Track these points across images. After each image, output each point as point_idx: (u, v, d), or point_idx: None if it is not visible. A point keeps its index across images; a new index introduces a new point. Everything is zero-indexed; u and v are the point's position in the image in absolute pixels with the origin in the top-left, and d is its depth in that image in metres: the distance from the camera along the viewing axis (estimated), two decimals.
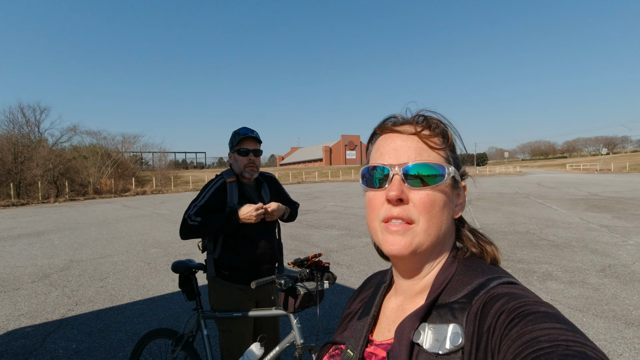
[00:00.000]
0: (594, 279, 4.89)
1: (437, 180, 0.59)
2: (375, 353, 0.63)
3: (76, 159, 30.35)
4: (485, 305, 0.51)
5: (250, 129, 2.20)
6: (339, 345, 0.72)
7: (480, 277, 0.57)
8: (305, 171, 56.66)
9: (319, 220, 11.20)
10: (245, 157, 2.14)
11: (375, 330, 0.68)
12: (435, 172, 0.59)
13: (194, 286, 2.15)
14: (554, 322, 0.44)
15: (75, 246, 8.26)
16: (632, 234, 7.56)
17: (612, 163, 56.95)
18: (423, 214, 0.58)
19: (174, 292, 4.95)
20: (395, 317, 0.65)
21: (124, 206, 18.63)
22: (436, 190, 0.59)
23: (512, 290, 0.52)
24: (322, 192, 24.74)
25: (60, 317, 4.23)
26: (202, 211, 2.06)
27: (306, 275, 1.76)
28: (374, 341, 0.65)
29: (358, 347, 0.64)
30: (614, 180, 27.77)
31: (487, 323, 0.49)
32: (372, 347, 0.64)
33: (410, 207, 0.59)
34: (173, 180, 36.02)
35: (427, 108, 0.65)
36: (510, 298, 0.50)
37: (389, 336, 0.63)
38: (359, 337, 0.66)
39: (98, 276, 5.84)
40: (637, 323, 3.58)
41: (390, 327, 0.65)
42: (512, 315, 0.47)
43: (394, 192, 0.58)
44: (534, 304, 0.48)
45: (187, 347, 2.12)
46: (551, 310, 0.47)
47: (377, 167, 0.62)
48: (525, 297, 0.50)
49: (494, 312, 0.49)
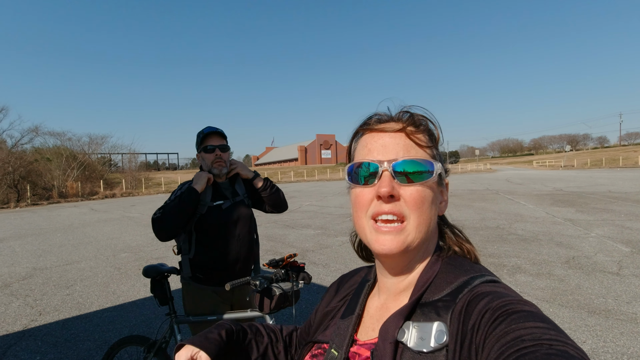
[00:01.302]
0: (560, 270, 5.11)
1: (425, 176, 0.59)
2: (359, 353, 0.62)
3: (38, 162, 28.82)
4: (470, 304, 0.52)
5: (212, 127, 2.16)
6: (321, 344, 0.71)
7: (464, 276, 0.58)
8: (280, 171, 56.42)
9: (295, 220, 11.16)
10: (212, 154, 2.10)
11: (359, 330, 0.67)
12: (423, 168, 0.59)
13: (167, 290, 2.08)
14: (537, 322, 0.45)
15: (39, 253, 7.85)
16: (594, 227, 7.97)
17: (575, 159, 59.94)
18: (414, 210, 0.58)
19: (146, 298, 4.79)
20: (379, 316, 0.65)
21: (91, 210, 17.90)
22: (425, 186, 0.59)
23: (496, 289, 0.53)
24: (297, 191, 24.69)
25: (22, 329, 4.00)
26: None
27: (281, 276, 1.74)
28: (358, 340, 0.65)
29: (343, 346, 0.63)
30: (577, 176, 29.22)
31: (471, 321, 0.50)
32: (355, 347, 0.64)
33: (401, 204, 0.58)
34: (144, 182, 34.89)
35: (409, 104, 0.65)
36: (494, 297, 0.51)
37: (373, 335, 0.63)
38: (344, 337, 0.65)
39: (64, 284, 5.57)
40: (598, 311, 3.77)
41: (374, 326, 0.64)
42: (496, 313, 0.48)
43: (386, 188, 0.57)
44: (518, 302, 0.49)
45: (160, 354, 2.05)
46: (534, 310, 0.48)
47: (363, 164, 0.61)
48: (508, 296, 0.51)
49: (478, 311, 0.50)
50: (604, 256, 5.70)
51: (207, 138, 2.11)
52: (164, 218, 1.96)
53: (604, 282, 4.58)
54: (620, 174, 29.60)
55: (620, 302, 3.96)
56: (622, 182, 19.98)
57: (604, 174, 29.68)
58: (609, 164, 49.65)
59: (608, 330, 3.36)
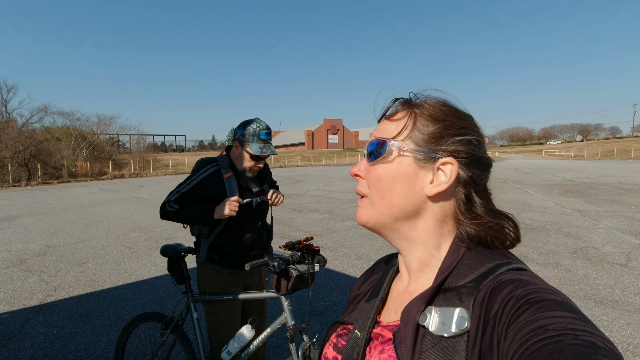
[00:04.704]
0: (567, 260, 5.12)
1: (380, 154, 0.62)
2: (382, 334, 0.63)
3: (48, 141, 29.09)
4: (493, 291, 0.51)
5: (270, 132, 2.07)
6: (346, 325, 0.73)
7: (489, 263, 0.57)
8: (287, 155, 56.34)
9: (302, 204, 11.22)
10: (253, 162, 2.05)
11: (383, 312, 0.69)
12: (377, 146, 0.62)
13: (184, 270, 2.13)
14: (563, 311, 0.43)
15: (51, 231, 8.02)
16: (603, 218, 7.91)
17: (586, 150, 59.03)
18: (370, 187, 0.63)
19: (157, 277, 4.90)
20: (401, 299, 0.66)
21: (101, 190, 18.14)
22: (382, 163, 0.62)
23: (521, 276, 0.52)
24: (304, 176, 24.73)
25: (38, 303, 4.13)
26: (182, 199, 2.02)
27: (298, 258, 1.77)
28: (381, 322, 0.66)
29: (366, 327, 0.65)
30: (587, 166, 28.85)
31: (494, 309, 0.49)
32: (379, 328, 0.65)
33: (363, 182, 0.65)
34: (152, 163, 35.13)
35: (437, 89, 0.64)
36: (518, 285, 0.50)
37: (396, 318, 0.64)
38: (367, 318, 0.66)
39: (77, 261, 5.70)
40: (605, 301, 3.79)
41: (397, 308, 0.65)
42: (520, 302, 0.47)
43: (353, 169, 0.66)
44: (543, 291, 0.47)
45: (177, 330, 2.12)
46: (560, 298, 0.46)
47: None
48: (534, 284, 0.49)
49: (501, 299, 0.49)
50: (612, 247, 5.69)
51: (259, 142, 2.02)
52: (176, 217, 2.02)
53: (611, 273, 4.58)
54: (631, 165, 29.15)
55: (627, 293, 3.97)
56: (633, 174, 19.71)
57: (615, 165, 29.26)
58: (620, 154, 48.81)
59: (615, 320, 3.38)
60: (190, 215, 2.00)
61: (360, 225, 0.66)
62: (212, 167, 2.05)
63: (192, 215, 2.00)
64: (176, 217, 2.01)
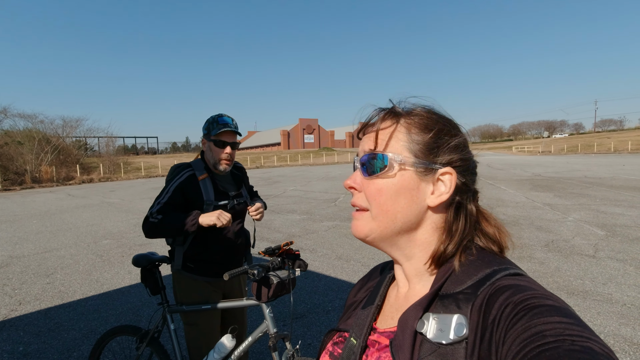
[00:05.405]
0: (540, 253, 5.29)
1: (382, 168, 0.60)
2: (379, 341, 0.63)
3: (9, 145, 27.59)
4: (491, 297, 0.51)
5: (230, 118, 2.03)
6: (342, 332, 0.73)
7: (486, 268, 0.56)
8: (263, 155, 55.86)
9: (280, 205, 11.13)
10: (222, 150, 1.98)
11: (379, 319, 0.69)
12: (378, 160, 0.61)
13: (158, 280, 2.04)
14: (560, 316, 0.44)
15: (15, 240, 7.59)
16: (571, 211, 8.26)
17: (553, 145, 61.64)
18: (371, 201, 0.62)
19: (132, 285, 4.72)
20: (398, 305, 0.66)
21: (68, 195, 17.37)
22: (383, 178, 0.60)
23: (518, 282, 0.52)
24: (281, 176, 24.58)
25: (2, 319, 3.88)
26: (165, 208, 1.91)
27: (278, 264, 1.72)
28: (378, 329, 0.66)
29: (362, 335, 0.65)
30: (555, 161, 30.11)
31: (492, 315, 0.49)
32: (375, 335, 0.65)
33: (361, 195, 0.63)
34: (123, 166, 34.00)
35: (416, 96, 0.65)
36: (516, 290, 0.50)
37: (392, 324, 0.63)
38: (363, 326, 0.66)
39: (44, 272, 5.41)
40: (577, 292, 3.93)
41: (393, 315, 0.65)
42: (517, 308, 0.47)
43: (347, 181, 0.65)
44: (541, 297, 0.48)
45: (153, 343, 2.02)
46: (558, 304, 0.46)
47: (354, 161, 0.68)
48: (531, 290, 0.49)
49: (499, 305, 0.49)
50: (581, 239, 5.93)
51: (221, 133, 1.97)
52: (162, 229, 1.87)
53: (581, 264, 4.77)
54: (595, 159, 30.66)
55: (596, 283, 4.14)
56: (596, 168, 20.73)
57: (580, 160, 30.69)
58: (584, 149, 51.34)
59: (586, 310, 3.51)
60: (175, 222, 1.86)
61: (358, 238, 0.64)
62: (187, 172, 1.98)
63: (177, 223, 1.86)
64: (161, 228, 1.87)
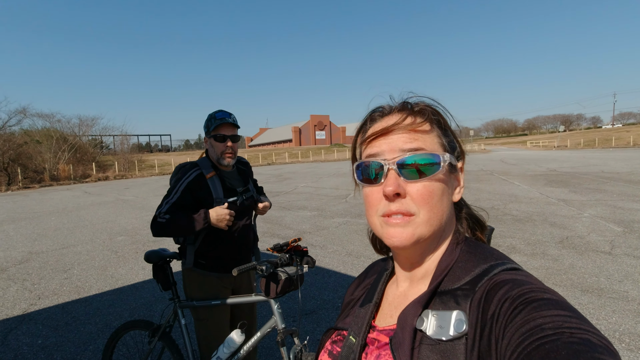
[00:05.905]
0: (554, 250, 5.20)
1: (433, 169, 0.58)
2: (378, 339, 0.63)
3: (28, 144, 28.28)
4: (489, 292, 0.51)
5: (227, 113, 2.06)
6: (341, 331, 0.73)
7: (484, 264, 0.57)
8: (275, 152, 56.06)
9: (291, 201, 11.17)
10: (222, 144, 2.01)
11: (378, 316, 0.69)
12: (429, 161, 0.58)
13: (169, 276, 2.07)
14: (558, 309, 0.44)
15: (34, 237, 7.81)
16: (587, 207, 8.08)
17: (569, 140, 60.25)
18: (422, 205, 0.57)
19: (145, 281, 4.81)
20: (397, 303, 0.66)
21: (85, 193, 17.75)
22: (433, 180, 0.58)
23: (516, 276, 0.52)
24: (292, 173, 24.64)
25: (22, 313, 4.01)
26: (173, 209, 1.93)
27: (286, 260, 1.74)
28: (377, 327, 0.66)
29: (360, 333, 0.65)
30: (570, 156, 29.44)
31: (490, 310, 0.49)
32: (374, 333, 0.65)
33: (408, 201, 0.58)
34: (137, 164, 34.55)
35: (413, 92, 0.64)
36: (514, 285, 0.50)
37: (391, 322, 0.64)
38: (362, 324, 0.66)
39: (61, 267, 5.56)
40: (591, 290, 3.86)
41: (392, 313, 0.65)
42: (516, 302, 0.47)
43: (391, 188, 0.57)
44: (538, 290, 0.48)
45: (165, 338, 2.07)
46: (555, 297, 0.47)
47: (371, 163, 0.61)
48: (529, 284, 0.50)
49: (497, 299, 0.49)
50: (596, 236, 5.81)
51: (220, 126, 2.00)
52: (169, 228, 1.90)
53: (596, 261, 4.67)
54: (612, 154, 29.87)
55: (612, 280, 4.05)
56: (614, 162, 20.20)
57: (597, 154, 29.94)
58: (601, 144, 50.03)
59: (600, 308, 3.45)
60: (184, 222, 1.89)
61: (403, 246, 0.58)
62: (195, 171, 2.00)
63: (185, 223, 1.89)
64: (169, 228, 1.90)
